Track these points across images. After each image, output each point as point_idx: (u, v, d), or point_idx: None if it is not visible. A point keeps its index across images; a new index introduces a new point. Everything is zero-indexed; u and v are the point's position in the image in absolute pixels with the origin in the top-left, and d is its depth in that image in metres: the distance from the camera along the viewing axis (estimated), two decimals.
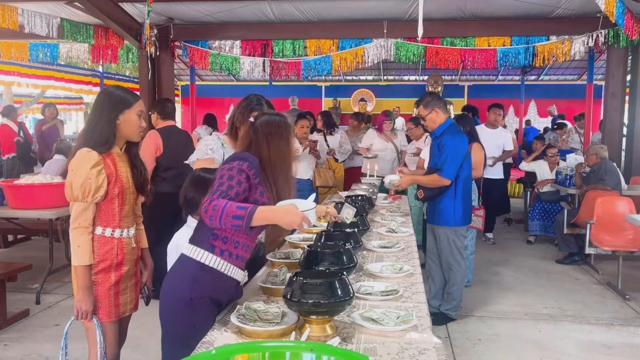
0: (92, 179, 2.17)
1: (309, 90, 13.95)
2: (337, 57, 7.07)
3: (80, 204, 2.20)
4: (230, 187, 1.87)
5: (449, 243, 3.96)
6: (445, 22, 6.80)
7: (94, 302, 2.25)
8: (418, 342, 1.62)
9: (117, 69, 15.26)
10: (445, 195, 3.89)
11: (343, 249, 2.14)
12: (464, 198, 3.94)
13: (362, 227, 2.88)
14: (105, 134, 2.24)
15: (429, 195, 3.95)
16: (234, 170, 1.90)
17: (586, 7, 6.11)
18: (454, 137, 3.84)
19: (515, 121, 13.14)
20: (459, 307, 4.14)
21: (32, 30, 6.57)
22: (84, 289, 2.23)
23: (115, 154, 2.29)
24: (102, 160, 2.22)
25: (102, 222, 2.27)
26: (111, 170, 2.25)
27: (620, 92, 6.74)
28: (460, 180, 3.90)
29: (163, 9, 6.65)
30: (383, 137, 6.47)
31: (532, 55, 6.80)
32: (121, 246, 2.31)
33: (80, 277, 2.23)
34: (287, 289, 1.66)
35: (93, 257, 2.24)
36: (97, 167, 2.19)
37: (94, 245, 2.26)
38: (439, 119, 3.90)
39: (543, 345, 3.76)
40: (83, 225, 2.21)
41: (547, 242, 6.75)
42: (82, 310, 2.23)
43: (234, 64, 7.26)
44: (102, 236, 2.27)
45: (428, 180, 3.93)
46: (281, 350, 1.29)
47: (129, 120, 2.29)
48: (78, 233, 2.21)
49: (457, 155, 3.82)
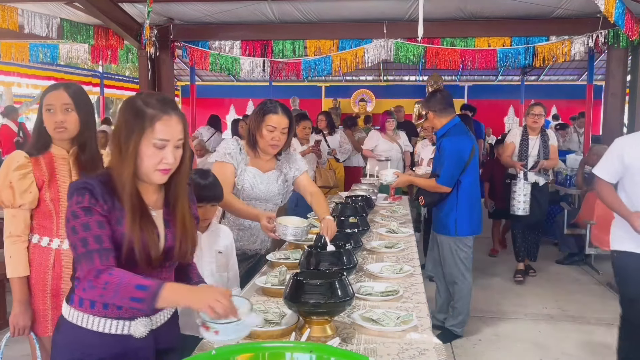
0: (15, 182, 2.01)
1: (309, 91, 13.95)
2: (337, 57, 7.06)
3: (8, 210, 2.04)
4: (99, 240, 1.41)
5: (452, 253, 3.72)
6: (445, 22, 6.79)
7: (31, 317, 2.09)
8: (418, 342, 1.62)
9: (117, 70, 15.26)
10: (447, 203, 3.67)
11: (343, 249, 2.14)
12: (469, 206, 3.67)
13: (362, 228, 2.87)
14: (36, 133, 2.11)
15: (429, 202, 3.76)
16: (79, 215, 1.42)
17: (586, 7, 6.10)
18: (453, 140, 3.60)
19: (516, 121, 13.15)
20: (466, 323, 3.89)
21: (32, 31, 6.56)
22: (20, 302, 2.06)
23: (59, 157, 2.11)
24: (32, 163, 2.05)
25: (39, 230, 2.10)
26: (43, 174, 2.06)
27: (620, 93, 6.73)
28: (463, 186, 3.64)
29: (163, 9, 6.64)
30: (387, 137, 6.39)
31: (532, 56, 6.79)
32: (59, 257, 2.11)
33: (15, 289, 2.06)
34: (287, 289, 1.66)
35: (29, 267, 2.07)
36: (22, 170, 2.02)
37: (30, 255, 2.08)
38: (440, 120, 3.69)
39: (543, 346, 3.76)
40: (14, 233, 2.06)
41: (547, 242, 6.75)
42: (18, 326, 2.08)
43: (234, 64, 7.26)
44: (38, 245, 2.10)
45: (425, 184, 3.75)
46: (281, 351, 1.29)
47: (43, 115, 2.07)
48: (9, 242, 2.05)
49: (457, 160, 3.58)
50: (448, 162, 3.57)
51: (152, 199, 1.57)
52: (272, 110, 2.62)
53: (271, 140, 2.61)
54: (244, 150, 2.71)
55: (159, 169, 1.49)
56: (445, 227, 3.71)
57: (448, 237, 3.72)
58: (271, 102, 2.71)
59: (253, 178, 2.69)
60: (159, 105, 1.49)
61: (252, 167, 2.70)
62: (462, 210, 3.65)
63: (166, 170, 1.50)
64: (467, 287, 3.78)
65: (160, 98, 1.52)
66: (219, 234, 2.37)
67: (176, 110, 1.52)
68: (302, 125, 5.57)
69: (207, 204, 2.24)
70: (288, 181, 2.83)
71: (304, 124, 5.59)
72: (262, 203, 2.73)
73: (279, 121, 2.61)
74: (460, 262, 3.72)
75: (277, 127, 2.61)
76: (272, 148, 2.66)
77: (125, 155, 1.46)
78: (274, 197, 2.77)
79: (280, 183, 2.77)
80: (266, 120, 2.60)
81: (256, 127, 2.64)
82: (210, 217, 2.32)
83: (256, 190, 2.70)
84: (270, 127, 2.60)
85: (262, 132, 2.62)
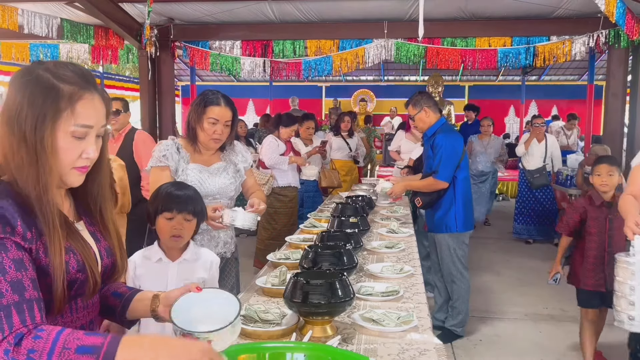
0: None
1: (310, 91, 13.97)
2: (337, 57, 7.06)
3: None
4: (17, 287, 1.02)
5: (450, 251, 3.74)
6: (446, 22, 6.79)
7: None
8: (419, 342, 1.62)
9: (117, 70, 15.26)
10: (444, 200, 3.67)
11: (343, 249, 2.13)
12: (464, 201, 3.72)
13: (362, 228, 2.87)
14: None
15: (427, 202, 3.72)
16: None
17: (587, 7, 6.10)
18: (447, 136, 3.62)
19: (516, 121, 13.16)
20: (466, 323, 3.90)
21: (32, 31, 6.56)
22: None
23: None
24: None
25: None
26: None
27: (621, 93, 6.73)
28: (459, 182, 3.68)
29: (163, 9, 6.64)
30: (410, 137, 6.14)
31: (532, 56, 6.79)
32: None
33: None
34: (288, 289, 1.65)
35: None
36: None
37: None
38: (429, 119, 3.70)
39: (544, 346, 3.76)
40: None
41: (547, 242, 6.74)
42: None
43: (234, 64, 7.26)
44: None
45: (423, 185, 3.71)
46: (282, 351, 1.28)
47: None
48: None
49: (453, 155, 3.61)
50: (446, 157, 3.58)
51: (65, 208, 1.22)
52: (213, 102, 2.40)
53: (213, 134, 2.40)
54: (182, 149, 2.47)
55: (77, 167, 1.15)
56: (446, 225, 3.72)
57: (447, 235, 3.73)
58: (212, 92, 2.46)
59: (199, 174, 2.44)
60: (77, 78, 1.13)
61: (194, 164, 2.46)
62: (459, 206, 3.69)
63: (85, 168, 1.17)
64: (466, 286, 3.81)
65: (77, 69, 1.16)
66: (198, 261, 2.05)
67: (98, 87, 1.18)
68: (306, 126, 5.55)
69: (179, 214, 1.97)
70: (240, 171, 2.60)
71: (308, 124, 5.58)
72: (215, 200, 2.46)
73: (221, 113, 2.39)
74: (457, 260, 3.75)
75: (220, 120, 2.39)
76: (214, 142, 2.44)
77: (34, 151, 1.08)
78: (227, 189, 2.51)
79: (230, 173, 2.54)
80: (207, 113, 2.39)
81: (196, 119, 2.41)
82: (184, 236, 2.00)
83: (206, 186, 2.43)
84: (212, 119, 2.39)
85: (202, 125, 2.40)
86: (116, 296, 1.35)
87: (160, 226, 1.99)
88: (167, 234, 1.97)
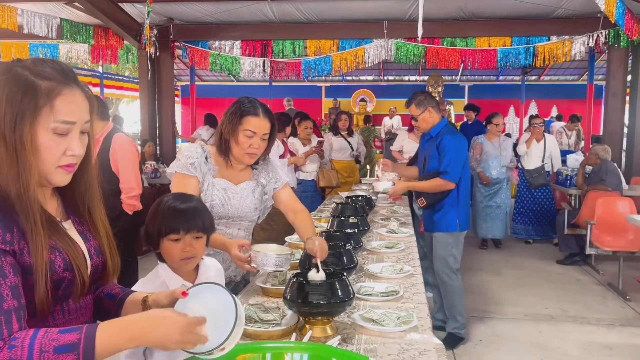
0: None
1: (309, 91, 13.97)
2: (337, 57, 7.06)
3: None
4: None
5: (446, 250, 3.70)
6: (446, 22, 6.80)
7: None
8: (418, 342, 1.61)
9: (117, 70, 15.27)
10: (448, 200, 3.63)
11: (343, 249, 2.13)
12: (465, 202, 3.72)
13: (362, 228, 2.86)
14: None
15: (431, 202, 3.66)
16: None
17: (587, 7, 6.11)
18: (454, 138, 3.60)
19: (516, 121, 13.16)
20: (465, 323, 3.84)
21: (32, 31, 6.57)
22: None
23: None
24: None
25: None
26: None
27: (620, 93, 6.74)
28: (462, 183, 3.67)
29: (163, 9, 6.64)
30: (413, 137, 6.02)
31: (532, 56, 6.80)
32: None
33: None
34: (288, 289, 1.65)
35: None
36: None
37: None
38: (433, 119, 3.67)
39: (544, 346, 3.75)
40: None
41: (547, 242, 6.74)
42: None
43: (234, 64, 7.26)
44: None
45: (430, 186, 3.63)
46: (282, 351, 1.28)
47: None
48: None
49: (460, 156, 3.60)
50: (455, 158, 3.56)
51: (52, 208, 1.20)
52: (251, 112, 2.11)
53: (249, 148, 2.11)
54: (211, 160, 2.18)
55: (62, 165, 1.13)
56: (448, 225, 3.68)
57: (448, 234, 3.70)
58: (250, 100, 2.16)
59: (224, 192, 2.15)
60: (55, 74, 1.12)
61: (221, 180, 2.17)
62: (461, 206, 3.69)
63: (71, 166, 1.14)
64: (458, 284, 3.77)
65: (56, 65, 1.14)
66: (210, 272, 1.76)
67: (79, 83, 1.16)
68: (304, 126, 5.55)
69: (187, 233, 1.62)
70: (267, 194, 2.30)
71: (305, 124, 5.57)
72: (235, 222, 2.21)
73: (259, 125, 2.10)
74: (452, 258, 3.72)
75: (257, 133, 2.10)
76: (250, 157, 2.15)
77: (14, 149, 1.07)
78: (250, 213, 2.23)
79: (257, 196, 2.24)
80: (244, 124, 2.09)
81: (231, 131, 2.11)
82: (197, 256, 1.67)
83: (228, 207, 2.16)
84: (248, 132, 2.09)
85: (238, 138, 2.10)
86: (110, 297, 1.32)
87: (166, 250, 1.65)
88: (177, 258, 1.65)
